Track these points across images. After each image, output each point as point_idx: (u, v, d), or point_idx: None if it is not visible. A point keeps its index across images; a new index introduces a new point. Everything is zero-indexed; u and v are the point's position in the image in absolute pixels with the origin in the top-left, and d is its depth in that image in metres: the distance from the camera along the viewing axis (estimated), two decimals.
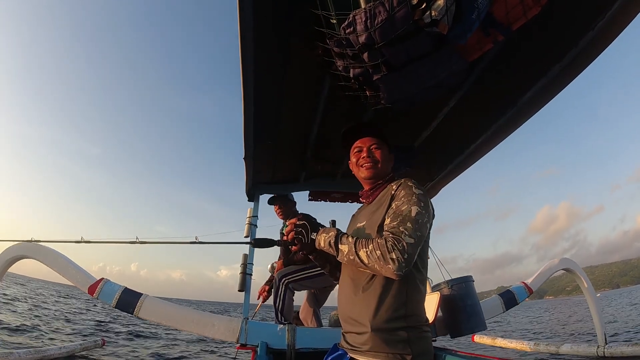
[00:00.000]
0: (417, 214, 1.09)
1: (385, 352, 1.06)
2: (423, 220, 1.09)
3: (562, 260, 3.90)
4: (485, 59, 1.57)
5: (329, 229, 1.21)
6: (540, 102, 1.81)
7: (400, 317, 1.09)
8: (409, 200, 1.13)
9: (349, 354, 1.14)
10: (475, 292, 2.65)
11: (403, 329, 1.08)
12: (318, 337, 2.33)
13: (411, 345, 1.06)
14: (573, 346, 4.27)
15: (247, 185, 2.88)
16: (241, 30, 1.33)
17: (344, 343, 1.20)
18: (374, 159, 1.31)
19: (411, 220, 1.07)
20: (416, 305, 1.14)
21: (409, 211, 1.09)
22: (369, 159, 1.31)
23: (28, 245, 2.70)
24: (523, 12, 1.14)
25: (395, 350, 1.05)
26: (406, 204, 1.12)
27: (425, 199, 1.15)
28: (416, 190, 1.16)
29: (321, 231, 1.21)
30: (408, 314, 1.10)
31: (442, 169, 2.72)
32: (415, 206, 1.10)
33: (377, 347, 1.07)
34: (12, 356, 3.28)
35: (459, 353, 1.57)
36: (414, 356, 1.05)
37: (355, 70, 1.32)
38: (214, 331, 2.44)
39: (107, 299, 2.50)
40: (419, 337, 1.10)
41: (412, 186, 1.18)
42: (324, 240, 1.17)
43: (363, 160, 1.32)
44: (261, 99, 1.78)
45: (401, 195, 1.16)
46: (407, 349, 1.05)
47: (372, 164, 1.31)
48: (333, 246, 1.14)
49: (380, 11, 1.07)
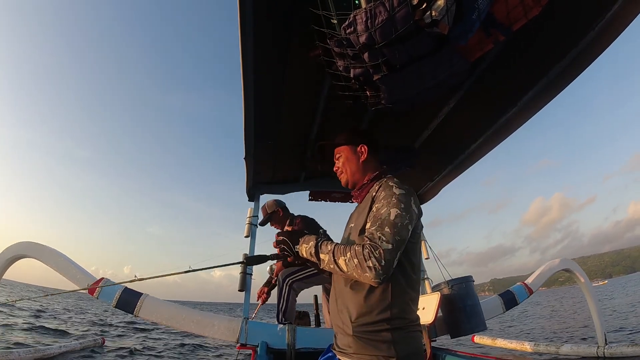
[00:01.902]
0: (396, 216, 1.06)
1: (369, 355, 1.05)
2: (403, 223, 1.07)
3: (562, 261, 3.90)
4: (486, 59, 1.57)
5: (309, 237, 1.20)
6: (541, 102, 1.81)
7: (383, 320, 1.07)
8: (388, 202, 1.10)
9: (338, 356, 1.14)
10: (475, 293, 2.65)
11: (387, 331, 1.06)
12: (318, 337, 2.33)
13: (396, 347, 1.05)
14: (573, 346, 4.27)
15: (247, 185, 2.88)
16: (242, 30, 1.33)
17: (335, 345, 1.19)
18: (339, 169, 1.38)
19: (389, 224, 1.05)
20: (403, 307, 1.11)
21: (388, 214, 1.07)
22: (338, 170, 1.39)
23: (28, 244, 2.71)
24: (524, 12, 1.14)
25: (379, 352, 1.04)
26: (385, 207, 1.10)
27: (406, 199, 1.12)
28: (397, 190, 1.14)
29: (302, 241, 1.20)
30: (393, 316, 1.08)
31: (442, 169, 2.72)
32: (394, 208, 1.08)
33: (361, 350, 1.06)
34: (13, 355, 3.29)
35: (458, 353, 1.58)
36: (400, 357, 1.03)
37: (355, 70, 1.32)
38: (214, 331, 2.44)
39: (107, 299, 2.50)
40: (405, 338, 1.08)
41: (393, 186, 1.16)
42: (306, 251, 1.16)
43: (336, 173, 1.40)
44: (261, 99, 1.78)
45: (381, 197, 1.14)
46: (391, 351, 1.04)
47: (340, 174, 1.38)
48: (314, 256, 1.14)
49: (380, 11, 1.07)
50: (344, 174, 1.36)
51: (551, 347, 4.54)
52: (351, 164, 1.35)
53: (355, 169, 1.34)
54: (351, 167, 1.34)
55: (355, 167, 1.34)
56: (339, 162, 1.38)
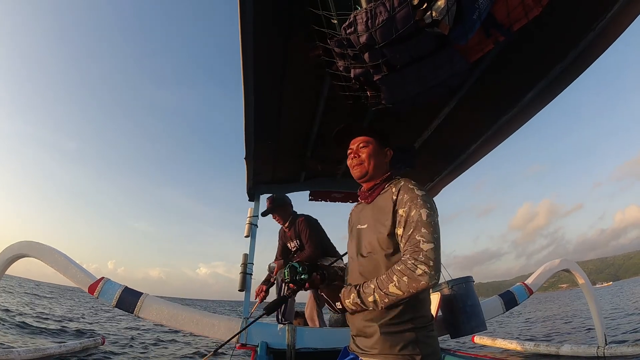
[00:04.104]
0: (427, 216, 1.08)
1: (394, 354, 1.06)
2: (435, 221, 1.09)
3: (563, 262, 3.89)
4: (487, 59, 1.57)
5: (346, 290, 1.17)
6: (541, 103, 1.81)
7: (408, 319, 1.09)
8: (415, 204, 1.11)
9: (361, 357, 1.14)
10: (475, 293, 2.65)
11: (411, 330, 1.08)
12: (318, 337, 2.33)
13: (420, 346, 1.06)
14: (573, 347, 4.27)
15: (247, 185, 2.88)
16: (242, 30, 1.33)
17: (354, 346, 1.19)
18: (360, 159, 1.29)
19: (425, 224, 1.06)
20: (423, 304, 1.14)
21: (419, 215, 1.08)
22: (357, 160, 1.30)
23: (29, 243, 2.71)
24: (524, 12, 1.14)
25: (404, 351, 1.06)
26: (414, 209, 1.10)
27: (429, 199, 1.14)
28: (418, 191, 1.15)
29: (342, 296, 1.17)
30: (416, 315, 1.10)
31: (442, 169, 2.72)
32: (423, 209, 1.09)
33: (387, 350, 1.07)
34: (13, 354, 3.28)
35: (458, 353, 1.58)
36: (423, 356, 1.05)
37: (356, 71, 1.32)
38: (214, 331, 2.44)
39: (107, 299, 2.50)
40: (427, 337, 1.10)
41: (414, 188, 1.16)
42: (352, 304, 1.14)
43: (352, 162, 1.31)
44: (262, 99, 1.78)
45: (405, 199, 1.14)
46: (416, 350, 1.06)
47: (359, 164, 1.29)
48: (362, 305, 1.11)
49: (381, 11, 1.07)
50: (363, 165, 1.29)
51: (551, 347, 4.54)
52: (377, 159, 1.30)
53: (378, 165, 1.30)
54: (375, 162, 1.30)
55: (380, 164, 1.30)
56: (362, 151, 1.30)
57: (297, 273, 1.24)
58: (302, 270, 1.24)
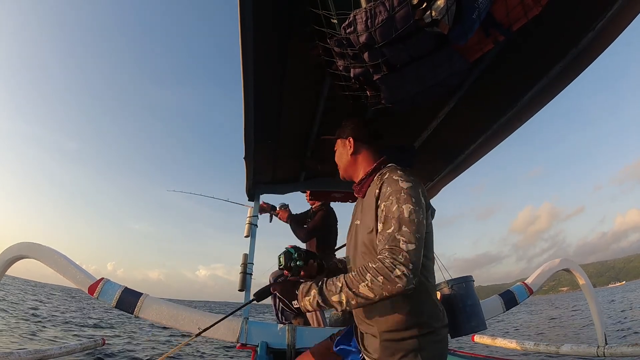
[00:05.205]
0: (410, 212, 0.97)
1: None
2: (419, 218, 0.98)
3: (563, 261, 3.89)
4: (486, 59, 1.57)
5: (305, 286, 1.01)
6: (541, 102, 1.81)
7: (411, 326, 1.03)
8: (397, 198, 1.01)
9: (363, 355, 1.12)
10: (475, 292, 2.65)
11: (414, 338, 1.02)
12: (318, 337, 2.32)
13: (422, 353, 1.01)
14: (573, 346, 4.27)
15: (247, 185, 2.88)
16: (241, 29, 1.33)
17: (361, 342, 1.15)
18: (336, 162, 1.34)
19: (406, 222, 0.96)
20: (430, 307, 1.07)
21: (401, 212, 0.98)
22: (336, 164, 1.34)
23: (28, 245, 2.70)
24: (524, 12, 1.14)
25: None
26: (395, 204, 1.00)
27: (415, 192, 1.04)
28: (403, 183, 1.05)
29: (299, 293, 1.01)
30: (421, 320, 1.04)
31: (442, 169, 2.72)
32: (406, 204, 0.99)
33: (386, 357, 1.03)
34: (12, 356, 3.27)
35: (458, 353, 1.57)
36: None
37: (355, 70, 1.32)
38: (214, 331, 2.44)
39: (107, 299, 2.50)
40: (433, 342, 1.04)
41: (398, 180, 1.06)
42: (310, 303, 0.98)
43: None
44: (262, 99, 1.78)
45: (387, 193, 1.04)
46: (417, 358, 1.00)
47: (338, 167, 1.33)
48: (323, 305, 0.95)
49: (380, 11, 1.07)
50: (339, 167, 1.33)
51: (551, 347, 4.54)
52: (342, 158, 1.31)
53: (346, 163, 1.29)
54: (342, 162, 1.30)
55: (346, 161, 1.29)
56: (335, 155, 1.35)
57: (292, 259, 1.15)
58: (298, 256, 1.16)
